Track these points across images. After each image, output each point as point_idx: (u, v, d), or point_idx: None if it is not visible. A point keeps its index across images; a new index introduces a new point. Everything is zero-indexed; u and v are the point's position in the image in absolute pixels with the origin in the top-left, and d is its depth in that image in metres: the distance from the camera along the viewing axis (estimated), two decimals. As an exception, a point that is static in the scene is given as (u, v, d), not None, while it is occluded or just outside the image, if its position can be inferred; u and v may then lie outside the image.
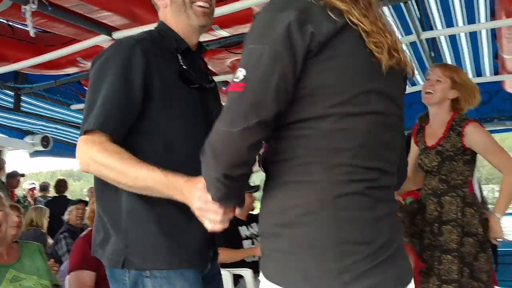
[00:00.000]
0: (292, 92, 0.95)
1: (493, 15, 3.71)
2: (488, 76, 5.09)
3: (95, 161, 1.24)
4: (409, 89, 4.46)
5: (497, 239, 2.44)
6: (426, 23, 3.91)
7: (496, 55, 4.53)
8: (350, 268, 0.92)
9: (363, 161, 0.97)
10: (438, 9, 3.79)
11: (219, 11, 2.71)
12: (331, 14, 0.94)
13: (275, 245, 0.99)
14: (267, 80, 0.93)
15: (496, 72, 4.93)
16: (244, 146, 0.93)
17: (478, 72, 5.09)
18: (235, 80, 0.95)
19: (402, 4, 3.39)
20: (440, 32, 4.08)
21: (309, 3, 0.95)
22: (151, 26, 1.57)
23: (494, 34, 4.11)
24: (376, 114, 1.00)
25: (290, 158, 0.99)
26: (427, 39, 4.11)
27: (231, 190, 1.03)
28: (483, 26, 3.94)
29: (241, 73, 0.94)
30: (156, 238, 1.32)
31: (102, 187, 1.36)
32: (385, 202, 1.02)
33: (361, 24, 0.96)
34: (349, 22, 0.96)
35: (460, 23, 3.98)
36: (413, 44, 4.18)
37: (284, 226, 0.98)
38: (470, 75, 5.09)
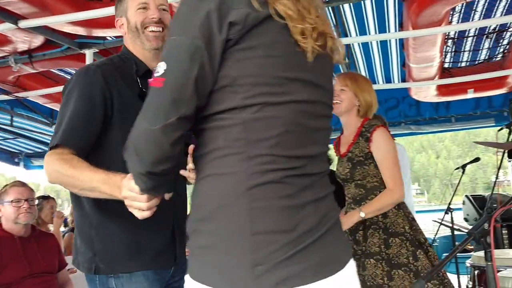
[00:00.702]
0: (213, 84, 0.94)
1: (401, 26, 3.97)
2: (396, 83, 5.41)
3: (57, 171, 1.41)
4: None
5: None
6: (342, 31, 4.08)
7: (403, 64, 4.84)
8: (264, 259, 0.89)
9: (284, 150, 0.96)
10: (352, 18, 3.98)
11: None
12: (255, 4, 0.93)
13: (196, 242, 0.98)
14: (186, 75, 0.92)
15: (403, 79, 5.27)
16: (166, 143, 0.93)
17: (388, 79, 5.40)
18: (156, 74, 0.93)
19: (319, 11, 3.50)
20: (354, 39, 4.28)
21: None
22: (62, 17, 1.55)
23: (402, 44, 4.40)
24: (300, 102, 0.99)
25: (210, 150, 0.98)
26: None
27: (158, 182, 1.05)
28: (392, 36, 4.20)
29: (161, 67, 0.93)
30: (119, 246, 1.51)
31: (74, 201, 1.57)
32: (313, 189, 1.00)
33: (287, 14, 0.95)
34: (274, 11, 0.95)
35: (372, 32, 4.20)
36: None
37: (202, 221, 0.96)
38: (380, 82, 5.41)
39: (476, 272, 2.05)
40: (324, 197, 1.03)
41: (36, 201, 3.26)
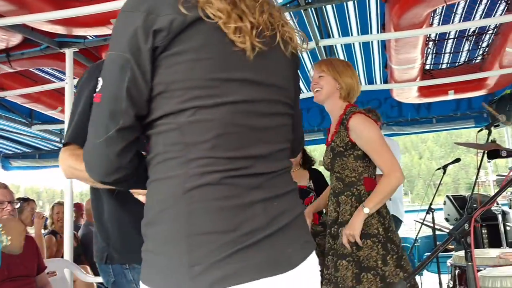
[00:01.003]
0: (148, 92, 0.96)
1: (383, 28, 4.00)
2: (378, 84, 5.47)
3: (70, 167, 1.44)
4: (307, 94, 4.65)
5: (348, 235, 2.17)
6: (325, 32, 4.10)
7: (385, 65, 4.88)
8: (200, 260, 0.90)
9: (224, 152, 0.96)
10: (335, 19, 4.00)
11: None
12: (181, 8, 0.93)
13: (144, 246, 0.99)
14: (118, 88, 0.95)
15: (385, 81, 5.32)
16: (111, 154, 0.97)
17: (370, 80, 5.45)
18: (97, 90, 0.98)
19: (302, 12, 3.51)
20: (337, 40, 4.30)
21: None
22: (41, 15, 1.51)
23: (384, 46, 4.44)
24: (237, 103, 0.98)
25: (154, 156, 1.00)
26: (325, 47, 4.32)
27: (121, 186, 1.09)
28: (374, 37, 4.23)
29: (99, 83, 0.98)
30: (134, 237, 1.46)
31: (92, 194, 1.62)
32: (262, 189, 0.99)
33: (216, 15, 0.95)
34: (203, 14, 0.94)
35: (355, 33, 4.23)
36: (312, 51, 4.36)
37: (147, 225, 0.99)
38: (363, 83, 5.46)
39: (456, 271, 2.07)
40: (279, 195, 1.03)
41: (18, 204, 3.20)
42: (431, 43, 4.57)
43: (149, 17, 0.93)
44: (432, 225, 3.95)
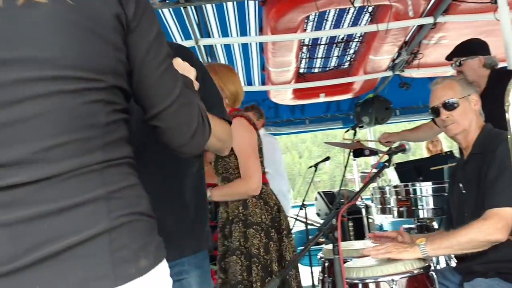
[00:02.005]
0: None
1: (261, 31, 4.11)
2: (257, 86, 5.61)
3: None
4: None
5: None
6: (205, 31, 4.08)
7: (263, 67, 5.03)
8: None
9: None
10: (215, 19, 4.00)
11: None
12: None
13: None
14: None
15: (263, 82, 5.48)
16: None
17: (249, 82, 5.57)
18: None
19: (182, 10, 3.45)
20: (216, 40, 4.31)
21: None
22: None
23: (262, 48, 4.56)
24: None
25: None
26: (205, 46, 4.30)
27: None
28: (252, 39, 4.33)
29: None
30: None
31: None
32: (9, 207, 0.73)
33: None
34: None
35: (234, 34, 4.28)
36: (192, 50, 4.31)
37: None
38: (242, 84, 5.55)
39: (326, 264, 2.19)
40: (48, 214, 0.74)
41: None
42: (305, 48, 4.81)
43: None
44: (305, 220, 4.17)
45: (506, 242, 1.67)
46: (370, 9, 4.09)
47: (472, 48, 2.87)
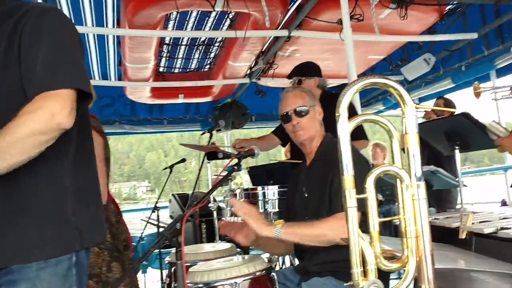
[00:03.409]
0: None
1: (118, 24, 3.91)
2: (113, 81, 5.34)
3: None
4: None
5: None
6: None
7: (120, 62, 4.80)
8: None
9: None
10: (68, 5, 3.69)
11: None
12: None
13: None
14: None
15: (120, 78, 5.23)
16: None
17: (104, 76, 5.27)
18: None
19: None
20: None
21: None
22: None
23: (119, 42, 4.35)
24: None
25: None
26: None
27: None
28: (108, 31, 4.10)
29: None
30: None
31: None
32: None
33: None
34: None
35: (89, 23, 4.00)
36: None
37: None
38: (96, 77, 5.23)
39: (173, 268, 2.14)
40: None
41: None
42: (165, 46, 4.72)
43: None
44: (156, 222, 4.06)
45: (336, 244, 1.80)
46: (231, 15, 4.17)
47: (310, 69, 3.15)
